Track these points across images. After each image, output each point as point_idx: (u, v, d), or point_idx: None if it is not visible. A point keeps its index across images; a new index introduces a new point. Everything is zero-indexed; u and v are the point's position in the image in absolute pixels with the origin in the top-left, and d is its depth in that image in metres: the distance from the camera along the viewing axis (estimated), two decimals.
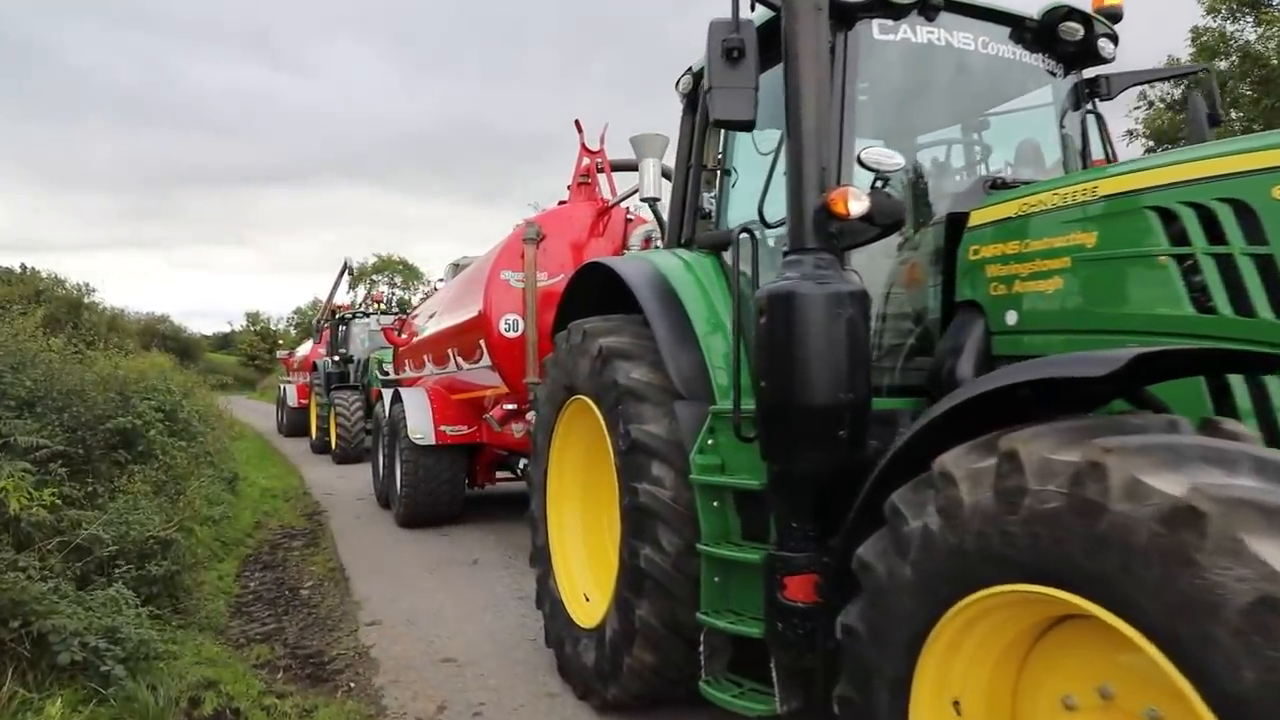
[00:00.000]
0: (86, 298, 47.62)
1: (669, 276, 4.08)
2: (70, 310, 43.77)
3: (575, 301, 5.06)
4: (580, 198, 7.92)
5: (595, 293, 4.97)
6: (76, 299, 46.18)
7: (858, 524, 2.50)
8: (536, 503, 5.05)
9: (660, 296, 3.99)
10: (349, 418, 16.55)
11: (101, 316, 43.92)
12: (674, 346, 3.82)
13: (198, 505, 8.78)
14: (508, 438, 8.19)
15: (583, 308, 4.86)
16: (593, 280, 4.93)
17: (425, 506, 9.32)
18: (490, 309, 7.32)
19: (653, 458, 3.68)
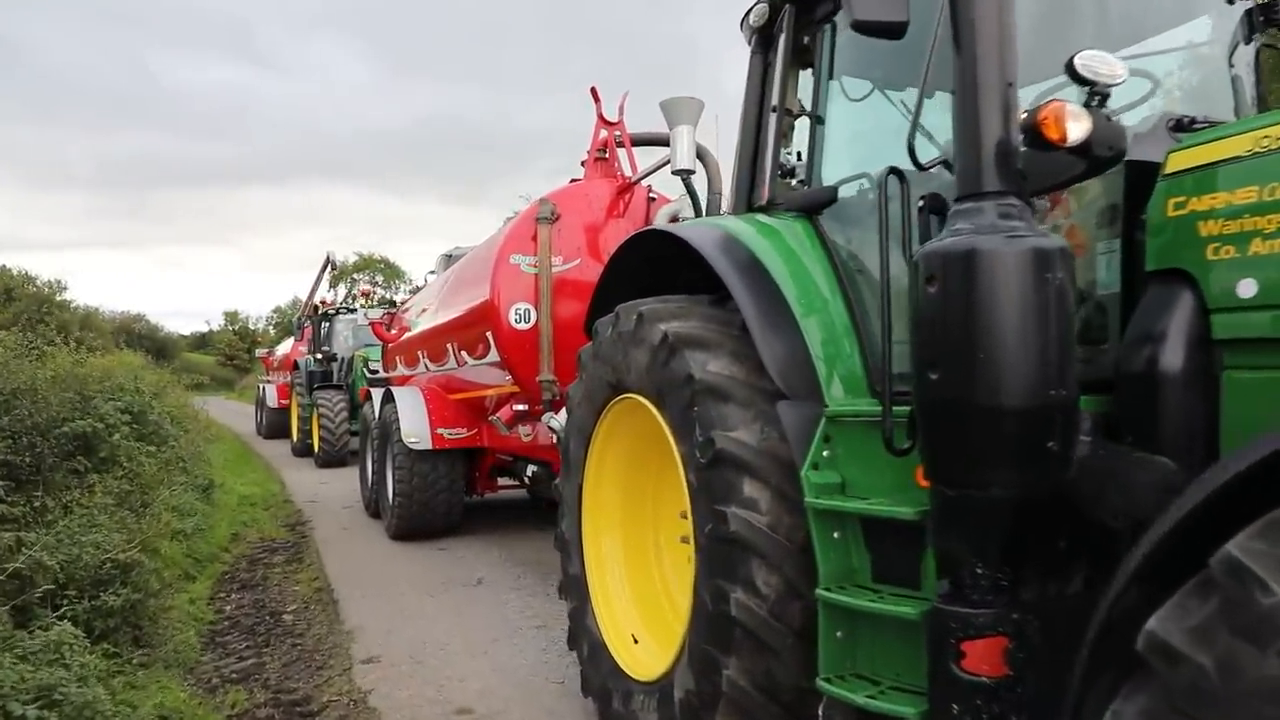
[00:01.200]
0: (58, 295, 46.47)
1: (751, 245, 3.27)
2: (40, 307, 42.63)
3: (616, 283, 4.25)
4: (597, 174, 7.09)
5: (638, 273, 4.18)
6: (48, 296, 44.98)
7: (1129, 580, 1.69)
8: (569, 524, 4.23)
9: (744, 269, 3.18)
10: (332, 419, 15.64)
11: (74, 315, 42.80)
12: (768, 331, 3.01)
13: (166, 519, 7.90)
14: (514, 442, 7.35)
15: (625, 291, 4.06)
16: (637, 257, 4.13)
17: (420, 517, 8.47)
18: (498, 297, 6.49)
19: (744, 473, 2.87)
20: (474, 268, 7.39)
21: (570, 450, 4.21)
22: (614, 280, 4.21)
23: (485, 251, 7.27)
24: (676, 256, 3.76)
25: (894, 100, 3.25)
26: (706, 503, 2.96)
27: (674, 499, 4.08)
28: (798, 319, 3.02)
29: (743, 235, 3.35)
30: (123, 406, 9.10)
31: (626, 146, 7.16)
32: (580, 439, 4.12)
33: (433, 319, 8.64)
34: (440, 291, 8.62)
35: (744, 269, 3.18)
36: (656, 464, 4.13)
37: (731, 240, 3.35)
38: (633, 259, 4.09)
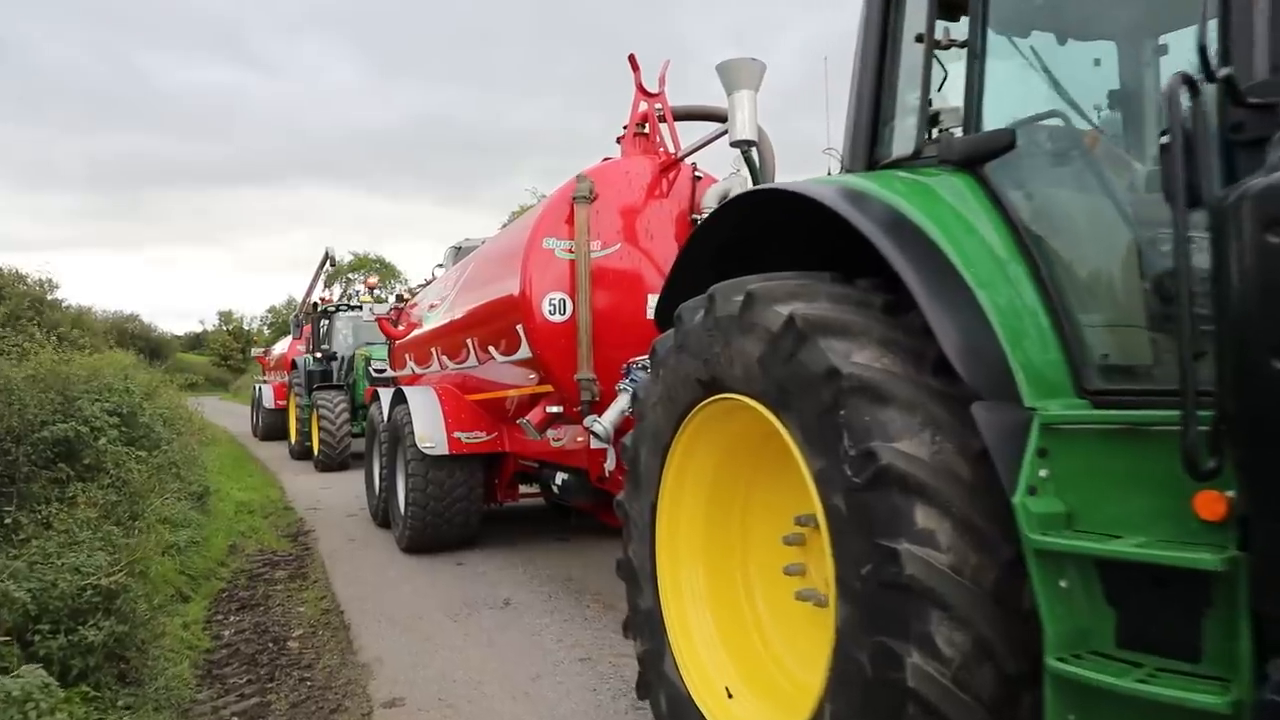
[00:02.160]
0: (49, 294, 45.67)
1: (900, 206, 2.58)
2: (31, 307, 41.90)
3: (696, 261, 3.56)
4: (636, 151, 6.40)
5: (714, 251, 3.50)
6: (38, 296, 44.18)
7: None
8: (639, 550, 3.54)
9: (898, 235, 2.48)
10: (333, 421, 14.92)
11: (65, 314, 42.02)
12: (945, 312, 2.31)
13: (158, 531, 7.19)
14: (542, 447, 6.65)
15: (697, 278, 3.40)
16: (726, 229, 3.44)
17: (436, 529, 7.76)
18: (530, 286, 5.78)
19: (917, 497, 2.18)
20: (500, 254, 6.69)
21: (641, 462, 3.51)
22: (696, 256, 3.52)
23: (513, 236, 6.56)
24: (760, 232, 3.08)
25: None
26: (863, 535, 2.26)
27: (767, 520, 3.41)
28: (976, 296, 2.32)
29: (884, 194, 2.66)
30: (111, 408, 8.43)
31: (669, 120, 6.47)
32: (654, 449, 3.42)
33: (448, 313, 7.94)
34: (457, 284, 7.92)
35: (897, 234, 2.49)
36: (747, 477, 3.46)
37: (872, 200, 2.65)
38: (721, 231, 3.39)
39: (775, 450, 3.34)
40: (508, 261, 6.23)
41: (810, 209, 2.82)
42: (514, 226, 6.82)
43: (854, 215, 2.53)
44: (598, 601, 6.25)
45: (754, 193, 3.02)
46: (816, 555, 3.12)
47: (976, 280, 2.35)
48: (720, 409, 3.09)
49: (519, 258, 5.89)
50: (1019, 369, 2.25)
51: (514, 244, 6.27)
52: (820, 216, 2.87)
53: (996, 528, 2.17)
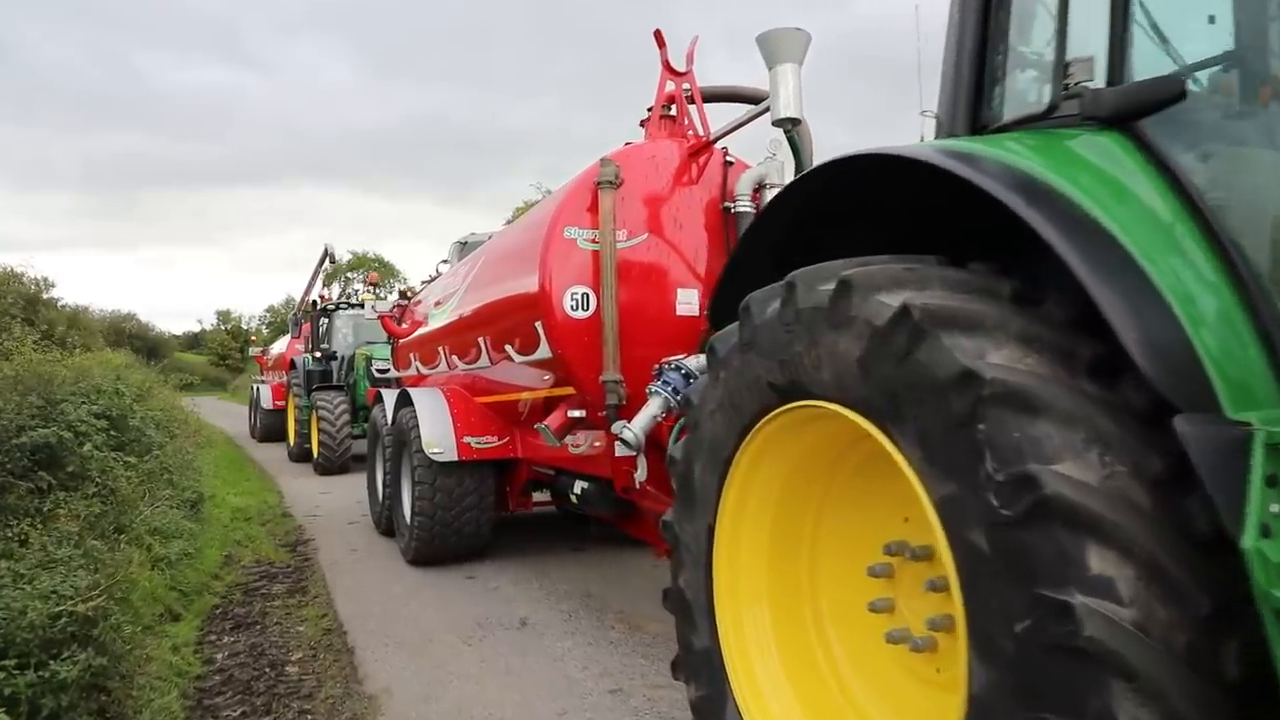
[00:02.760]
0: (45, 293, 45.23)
1: (1035, 171, 2.10)
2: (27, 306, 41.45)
3: (756, 248, 3.10)
4: (662, 135, 5.92)
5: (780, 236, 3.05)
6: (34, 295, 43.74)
7: None
8: (692, 580, 3.07)
9: (1044, 204, 2.00)
10: (333, 422, 14.44)
11: (61, 313, 41.55)
12: (1121, 300, 1.83)
13: (146, 545, 6.72)
14: (560, 453, 6.17)
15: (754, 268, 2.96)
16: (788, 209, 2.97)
17: (444, 539, 7.28)
18: (550, 280, 5.30)
19: (1089, 536, 1.71)
20: (516, 246, 6.21)
21: (695, 479, 3.04)
22: (761, 241, 3.05)
23: (530, 226, 6.08)
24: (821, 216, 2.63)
25: None
26: (1015, 582, 1.79)
27: (842, 549, 2.94)
28: (1153, 280, 1.85)
29: (1013, 159, 2.18)
30: (99, 411, 7.97)
31: (697, 102, 5.99)
32: (712, 463, 2.95)
33: (457, 311, 7.46)
34: (466, 279, 7.44)
35: (1038, 203, 2.01)
36: (818, 498, 2.99)
37: (999, 165, 2.17)
38: (788, 211, 2.92)
39: (854, 467, 2.88)
40: (525, 253, 5.75)
41: (894, 180, 2.36)
42: (530, 216, 6.35)
43: (988, 183, 2.05)
44: (622, 621, 5.78)
45: (847, 160, 2.54)
46: (908, 590, 2.66)
47: (1147, 260, 1.88)
48: (796, 418, 2.62)
49: (538, 249, 5.41)
50: (1214, 370, 1.78)
51: (531, 234, 5.79)
52: (903, 191, 2.42)
53: (1187, 573, 1.71)
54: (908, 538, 2.61)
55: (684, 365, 4.87)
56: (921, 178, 2.28)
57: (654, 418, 4.80)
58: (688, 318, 5.53)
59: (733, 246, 5.67)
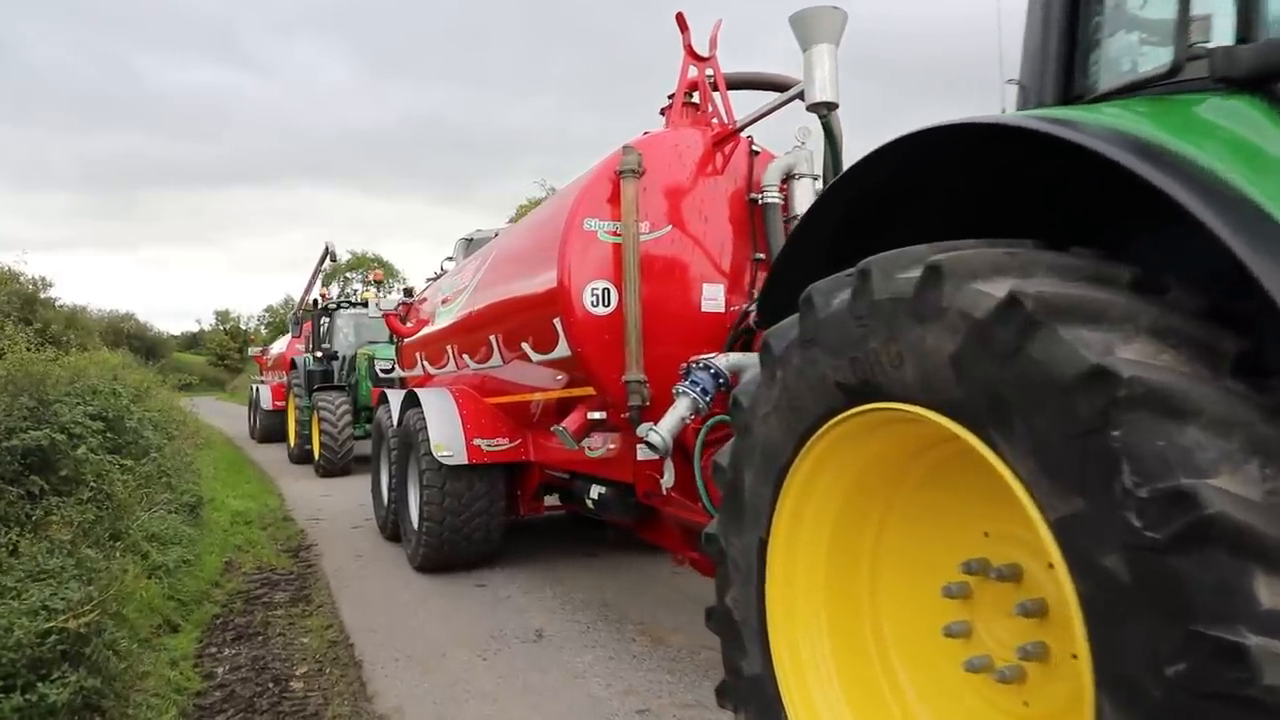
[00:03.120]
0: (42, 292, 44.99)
1: (1168, 143, 1.83)
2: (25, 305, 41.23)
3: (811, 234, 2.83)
4: (684, 122, 5.65)
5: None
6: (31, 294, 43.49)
7: None
8: (742, 600, 2.80)
9: (1186, 177, 1.73)
10: (335, 423, 14.16)
11: (59, 313, 41.30)
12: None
13: (143, 552, 6.45)
14: (576, 457, 5.90)
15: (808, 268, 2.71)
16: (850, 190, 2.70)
17: (453, 546, 7.01)
18: (570, 275, 5.03)
19: (1257, 564, 1.44)
20: (532, 239, 5.93)
21: (745, 488, 2.76)
22: (818, 227, 2.78)
23: (546, 218, 5.80)
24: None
25: None
26: (1165, 617, 1.51)
27: (906, 567, 2.67)
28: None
29: (1129, 125, 1.91)
30: (95, 412, 7.70)
31: (721, 89, 5.72)
32: (766, 471, 2.68)
33: (467, 308, 7.19)
34: (476, 274, 7.17)
35: (1171, 171, 1.74)
36: (880, 511, 2.72)
37: (1114, 132, 1.90)
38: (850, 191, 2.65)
39: (922, 477, 2.61)
40: (542, 247, 5.47)
41: (971, 158, 2.10)
42: (545, 208, 6.07)
43: (1112, 150, 1.78)
44: (643, 634, 5.51)
45: (931, 131, 2.25)
46: (990, 613, 2.39)
47: None
48: (866, 422, 2.35)
49: (556, 241, 5.13)
50: None
51: (548, 227, 5.51)
52: (983, 169, 2.15)
53: None
54: (989, 555, 2.34)
55: (713, 364, 4.60)
56: (1002, 155, 2.01)
57: (681, 420, 4.54)
58: (713, 314, 5.26)
59: (759, 239, 5.42)
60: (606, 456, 5.58)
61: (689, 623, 5.74)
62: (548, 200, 6.22)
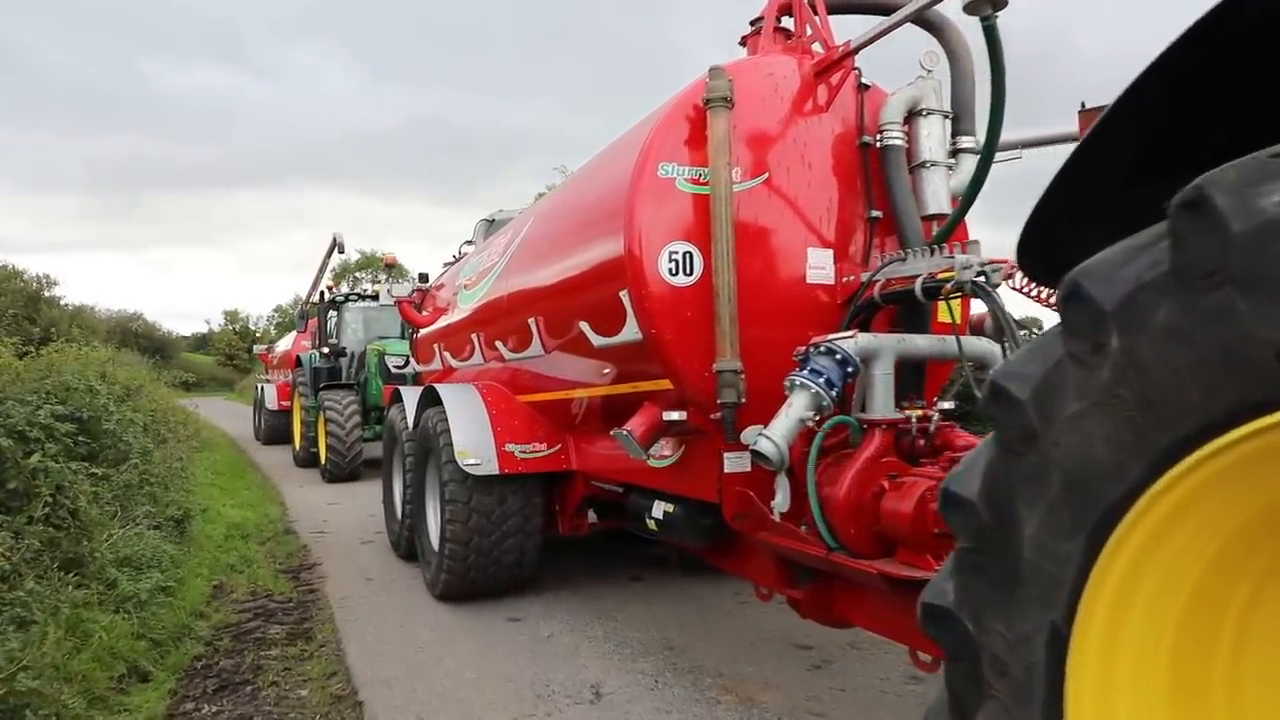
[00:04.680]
0: (46, 291, 44.30)
1: None
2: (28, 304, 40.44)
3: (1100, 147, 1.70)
4: (775, 50, 4.51)
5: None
6: (35, 293, 42.78)
7: None
8: (1012, 714, 1.65)
9: None
10: (342, 425, 13.07)
11: (63, 311, 40.50)
12: None
13: (109, 580, 5.35)
14: (637, 467, 4.78)
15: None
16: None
17: (481, 571, 5.89)
18: (641, 234, 3.89)
19: None
20: (587, 193, 4.80)
21: (1023, 540, 1.63)
22: (1117, 135, 1.66)
23: (607, 167, 4.66)
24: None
25: None
26: None
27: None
28: None
29: None
30: (65, 413, 6.64)
31: (820, 11, 4.59)
32: (1074, 511, 1.54)
33: (496, 290, 6.08)
34: (507, 250, 6.05)
35: None
36: (1257, 574, 1.57)
37: None
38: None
39: None
40: (602, 202, 4.35)
41: None
42: (602, 157, 4.93)
43: None
44: (726, 690, 4.38)
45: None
46: None
47: None
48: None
49: (622, 193, 4.00)
50: None
51: (610, 177, 4.39)
52: None
53: None
54: None
55: (840, 348, 3.48)
56: None
57: (800, 421, 3.41)
58: (820, 286, 4.13)
59: (875, 192, 4.28)
60: (680, 467, 4.46)
61: (779, 673, 4.61)
62: (604, 149, 5.07)
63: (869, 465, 3.47)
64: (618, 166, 4.27)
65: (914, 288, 3.58)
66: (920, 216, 4.09)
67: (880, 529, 3.40)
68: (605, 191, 4.34)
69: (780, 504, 3.54)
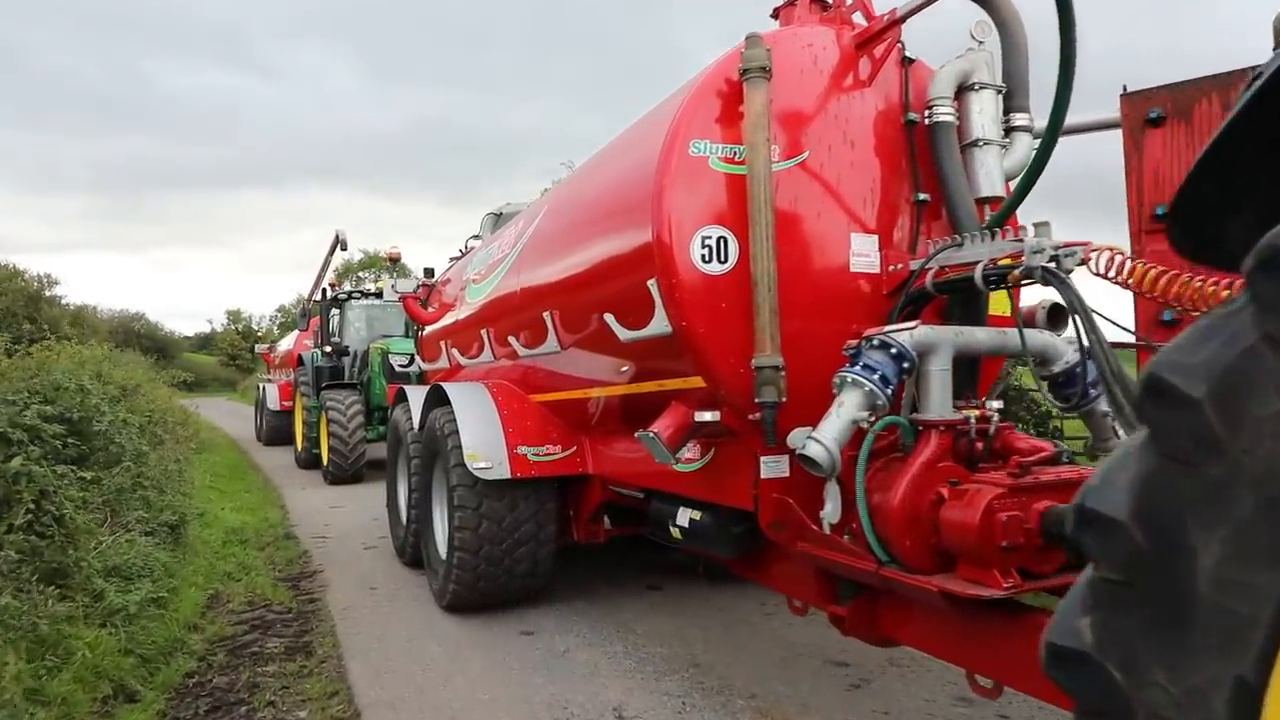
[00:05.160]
0: (47, 290, 44.07)
1: None
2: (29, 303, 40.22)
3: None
4: (812, 20, 4.16)
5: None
6: (36, 292, 42.54)
7: None
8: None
9: None
10: (345, 425, 12.74)
11: (64, 311, 40.23)
12: None
13: (95, 592, 5.03)
14: (659, 470, 4.44)
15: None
16: None
17: (492, 581, 5.55)
18: (672, 219, 3.55)
19: None
20: (611, 174, 4.46)
21: (1196, 572, 1.29)
22: None
23: (632, 146, 4.32)
24: None
25: None
26: None
27: None
28: None
29: None
30: (53, 413, 6.33)
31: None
32: (1268, 547, 1.20)
33: (508, 282, 5.75)
34: (519, 240, 5.72)
35: None
36: None
37: None
38: None
39: None
40: (628, 183, 4.01)
41: None
42: (627, 136, 4.59)
43: None
44: (762, 715, 4.05)
45: None
46: None
47: None
48: None
49: (650, 173, 3.66)
50: None
51: (636, 157, 4.05)
52: None
53: None
54: None
55: (894, 341, 3.15)
56: None
57: (852, 422, 3.08)
58: (864, 275, 3.80)
59: (922, 173, 3.95)
60: (709, 472, 4.13)
61: (816, 693, 4.27)
62: (624, 132, 4.73)
63: (925, 471, 3.12)
64: (643, 147, 3.93)
65: (973, 275, 3.24)
66: (974, 199, 3.76)
67: (938, 541, 3.06)
68: (630, 174, 4.00)
69: (830, 514, 3.19)
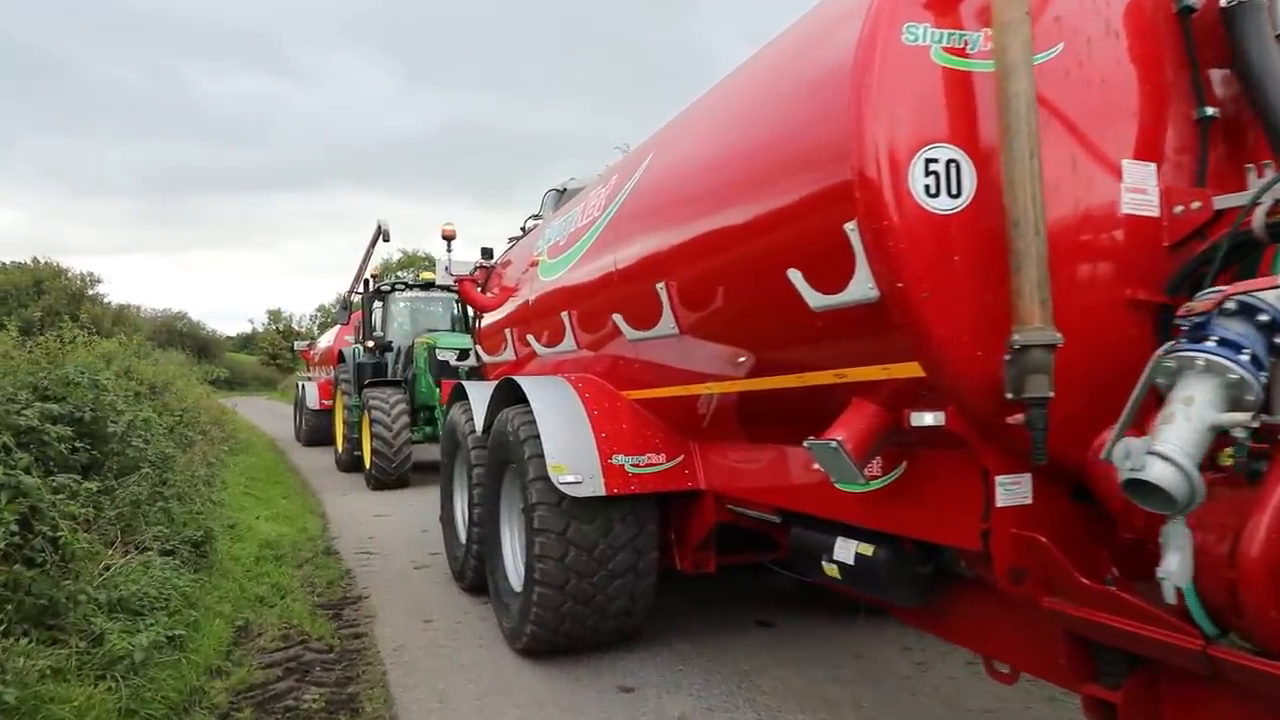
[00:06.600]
0: (90, 289, 44.06)
1: None
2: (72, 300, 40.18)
3: None
4: None
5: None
6: (79, 290, 42.54)
7: None
8: None
9: None
10: (389, 425, 11.77)
11: (106, 309, 40.11)
12: None
13: (94, 634, 4.05)
14: (801, 487, 3.33)
15: None
16: None
17: (579, 622, 4.49)
18: (879, 137, 2.44)
19: None
20: (769, 88, 3.35)
21: None
22: None
23: (804, 47, 3.19)
24: None
25: None
26: None
27: None
28: None
29: None
30: (62, 413, 5.43)
31: None
32: None
33: (600, 252, 4.68)
34: (618, 194, 4.65)
35: None
36: None
37: None
38: None
39: None
40: (800, 94, 2.91)
41: None
42: (786, 40, 3.45)
43: None
44: None
45: None
46: None
47: None
48: None
49: (843, 75, 2.56)
50: None
51: (812, 61, 2.94)
52: None
53: None
54: None
55: (1264, 302, 2.01)
56: None
57: (1211, 429, 1.95)
58: (1139, 219, 2.65)
59: (1204, 79, 2.80)
60: (895, 493, 3.01)
61: None
62: (781, 34, 3.60)
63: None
64: (827, 43, 2.82)
65: None
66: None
67: None
68: (806, 80, 2.88)
69: (1179, 573, 2.03)
